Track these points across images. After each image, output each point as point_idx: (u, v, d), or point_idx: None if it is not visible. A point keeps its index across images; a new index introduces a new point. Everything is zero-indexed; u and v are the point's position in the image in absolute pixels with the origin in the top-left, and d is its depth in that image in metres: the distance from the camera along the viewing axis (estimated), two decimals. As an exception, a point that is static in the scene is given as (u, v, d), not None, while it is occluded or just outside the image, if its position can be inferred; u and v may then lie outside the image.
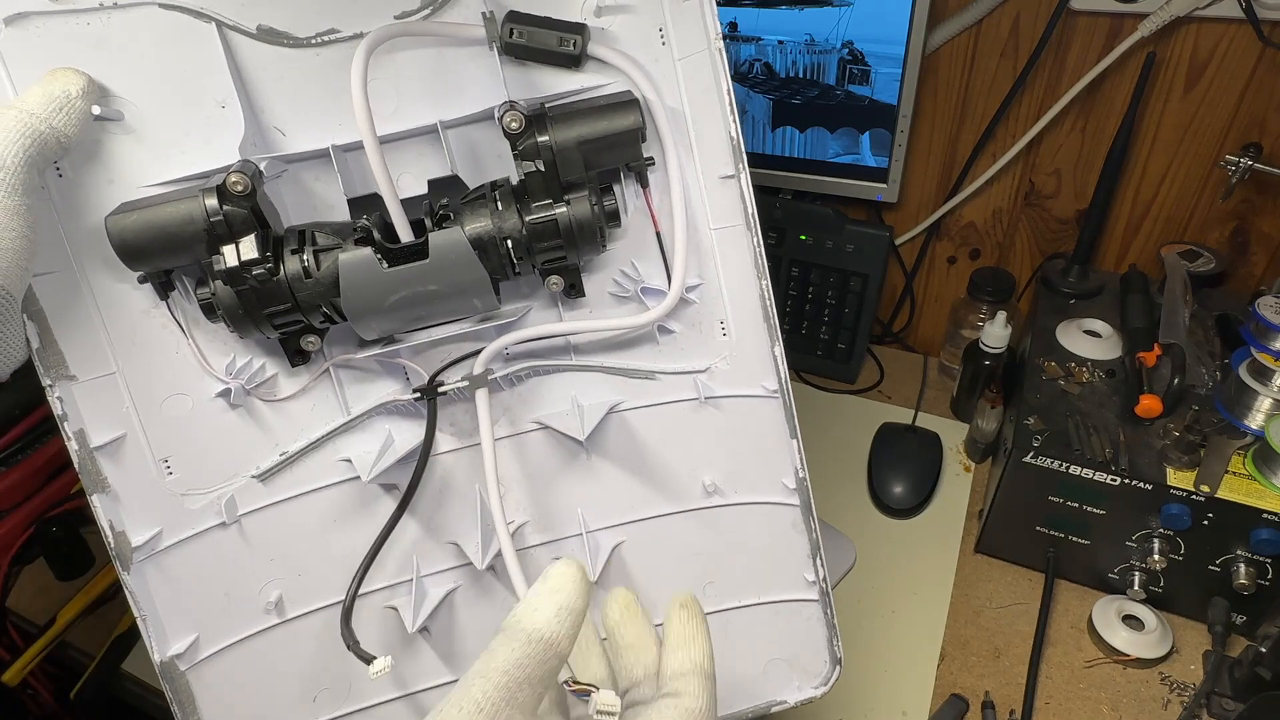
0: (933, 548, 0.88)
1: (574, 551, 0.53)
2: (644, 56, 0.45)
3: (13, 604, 0.89)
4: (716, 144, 0.46)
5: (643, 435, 0.52)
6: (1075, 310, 0.93)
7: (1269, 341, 0.73)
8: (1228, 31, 0.81)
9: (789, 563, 0.54)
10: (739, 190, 0.47)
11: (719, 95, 0.45)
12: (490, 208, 0.43)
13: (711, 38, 0.44)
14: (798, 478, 0.52)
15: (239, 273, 0.41)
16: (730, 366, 0.51)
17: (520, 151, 0.42)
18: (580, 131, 0.42)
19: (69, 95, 0.38)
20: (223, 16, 0.41)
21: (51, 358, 0.43)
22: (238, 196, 0.40)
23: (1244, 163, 0.83)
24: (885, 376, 1.12)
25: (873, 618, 0.82)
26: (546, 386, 0.51)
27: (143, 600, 0.48)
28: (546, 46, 0.43)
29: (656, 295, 0.49)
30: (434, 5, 0.42)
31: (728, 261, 0.49)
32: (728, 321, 0.50)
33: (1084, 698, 0.73)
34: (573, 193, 0.43)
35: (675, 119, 0.46)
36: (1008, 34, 0.90)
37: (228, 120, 0.42)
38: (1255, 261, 0.95)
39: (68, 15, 0.40)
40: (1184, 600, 0.77)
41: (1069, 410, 0.80)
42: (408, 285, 0.42)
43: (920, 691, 0.75)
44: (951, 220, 1.07)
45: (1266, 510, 0.68)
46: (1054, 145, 0.96)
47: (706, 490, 0.53)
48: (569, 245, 0.44)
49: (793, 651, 0.55)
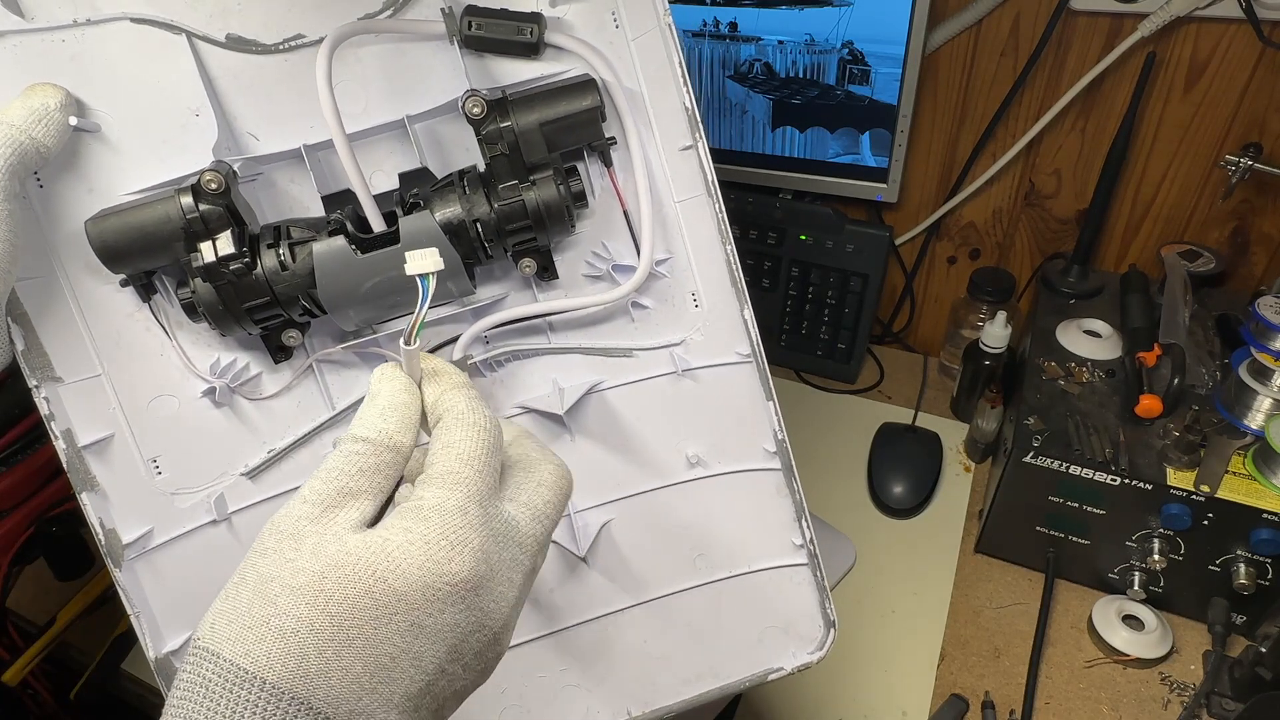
0: (933, 548, 0.88)
1: (562, 533, 0.54)
2: (599, 40, 0.46)
3: (13, 604, 0.89)
4: (673, 117, 0.48)
5: (624, 413, 0.53)
6: (1075, 310, 0.93)
7: (1269, 341, 0.73)
8: (1228, 31, 0.81)
9: (775, 529, 0.55)
10: (698, 160, 0.48)
11: (671, 69, 0.47)
12: (459, 193, 0.44)
13: (660, 14, 0.46)
14: (776, 440, 0.53)
15: (217, 268, 0.42)
16: (704, 337, 0.52)
17: (484, 136, 0.43)
18: (541, 114, 0.43)
19: (48, 108, 0.39)
20: (192, 28, 0.42)
21: (37, 359, 0.44)
22: (213, 194, 0.41)
23: (1244, 163, 0.83)
24: (885, 376, 1.12)
25: (873, 618, 0.82)
26: (527, 370, 0.52)
27: (135, 598, 0.48)
28: (505, 37, 0.44)
29: (627, 272, 0.49)
30: (395, 6, 0.44)
31: (694, 232, 0.50)
32: (699, 292, 0.51)
33: (1084, 698, 0.73)
34: (538, 173, 0.44)
35: (633, 99, 0.47)
36: (1008, 34, 0.90)
37: (201, 128, 0.43)
38: (1255, 261, 0.95)
39: (43, 33, 0.41)
40: (1184, 600, 0.77)
41: (1069, 410, 0.80)
42: (381, 270, 0.43)
43: (920, 691, 0.75)
44: (951, 220, 1.07)
45: (1266, 510, 0.68)
46: (1054, 145, 0.96)
47: (690, 463, 0.54)
48: (538, 227, 0.45)
49: (786, 618, 0.56)
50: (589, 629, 0.56)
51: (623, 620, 0.56)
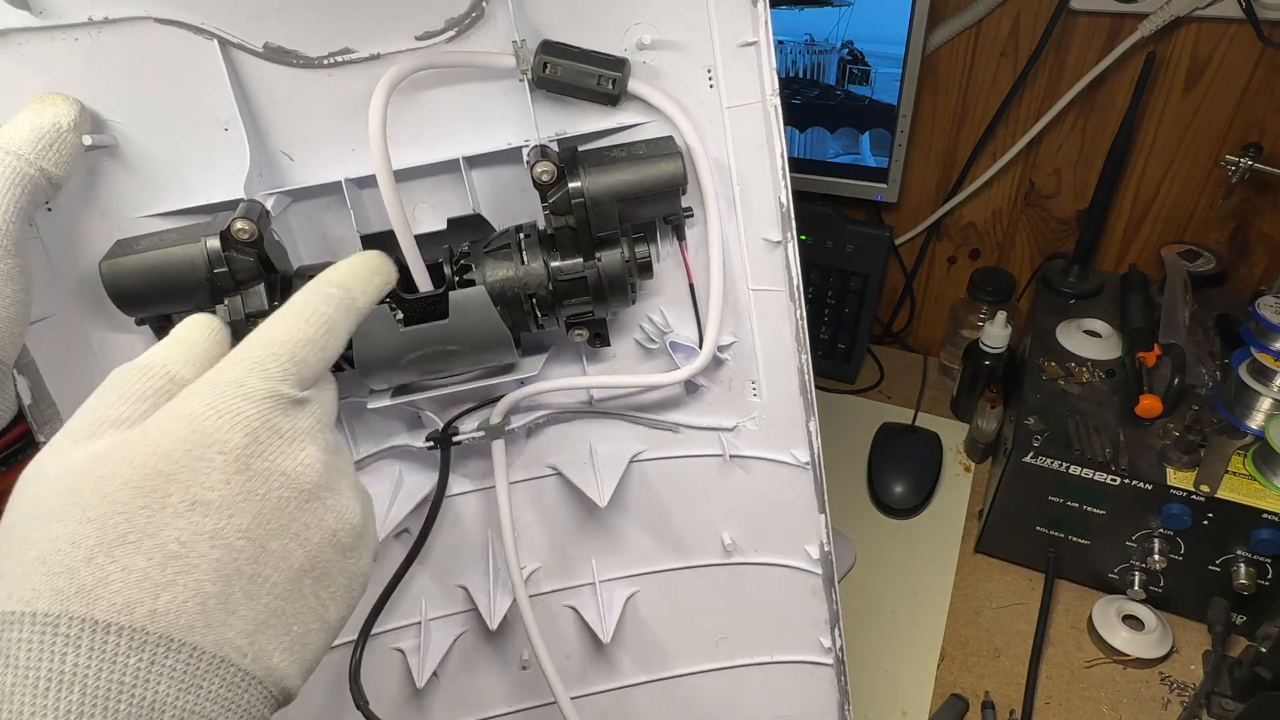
0: (933, 548, 0.88)
1: (586, 601, 0.51)
2: (689, 98, 0.41)
3: (13, 604, 0.89)
4: (763, 206, 0.43)
5: (662, 487, 0.50)
6: (1075, 310, 0.93)
7: (1269, 341, 0.73)
8: (1228, 31, 0.81)
9: (805, 626, 0.52)
10: (784, 258, 0.43)
11: (770, 156, 0.41)
12: (515, 259, 0.40)
13: (767, 91, 0.40)
14: (822, 550, 0.50)
15: (245, 327, 0.38)
16: (759, 428, 0.48)
17: (551, 205, 0.39)
18: (616, 182, 0.39)
19: (59, 128, 0.34)
20: (226, 33, 0.37)
21: (45, 411, 0.41)
22: (243, 244, 0.37)
23: (1244, 163, 0.83)
24: (885, 376, 1.12)
25: (873, 618, 0.82)
26: (564, 430, 0.49)
27: None
28: (582, 85, 0.39)
29: (686, 351, 0.46)
30: (459, 27, 0.39)
31: (766, 325, 0.45)
32: (760, 383, 0.47)
33: (1084, 698, 0.73)
34: (605, 248, 0.40)
35: (719, 170, 0.42)
36: (1008, 34, 0.90)
37: (230, 143, 0.39)
38: (1255, 261, 0.95)
39: (54, 31, 0.36)
40: (1184, 600, 0.77)
41: (1069, 410, 0.80)
42: (425, 345, 0.40)
43: (920, 691, 0.75)
44: (951, 220, 1.07)
45: (1266, 510, 0.68)
46: (1054, 145, 0.96)
47: (725, 547, 0.51)
48: (597, 300, 0.41)
49: (803, 712, 0.54)
50: (603, 699, 0.54)
51: (638, 694, 0.54)
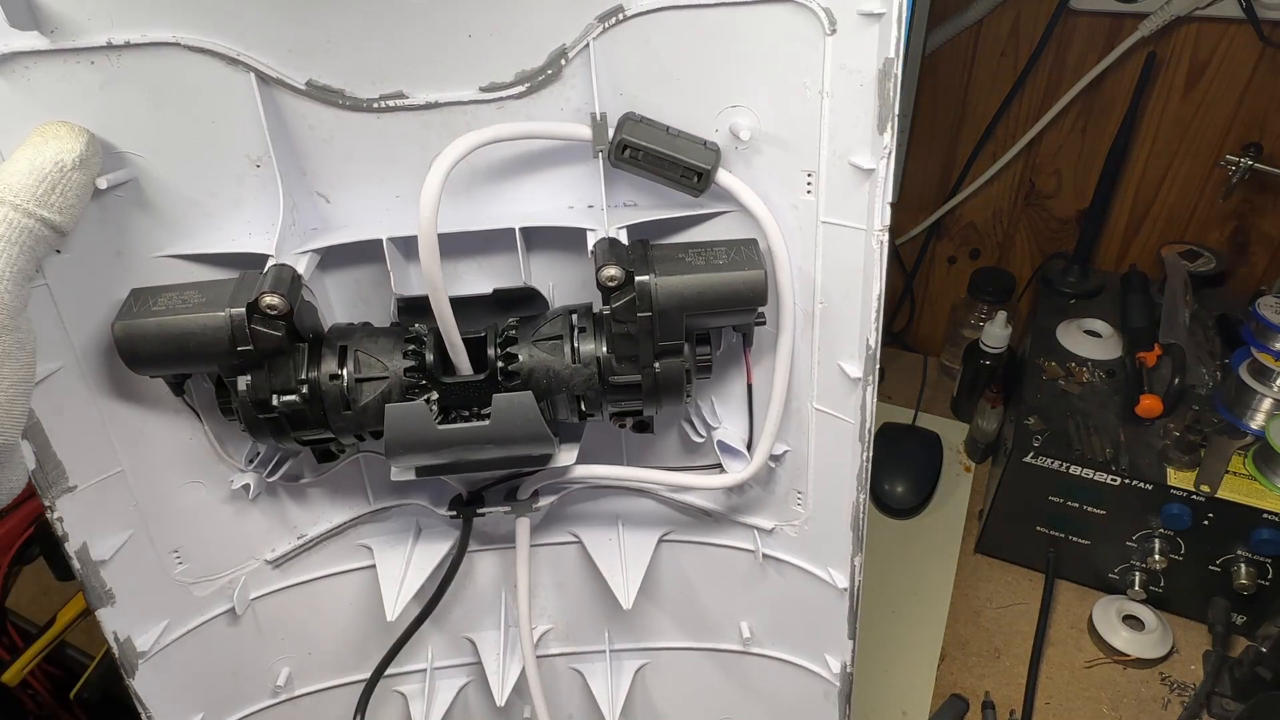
0: (933, 548, 0.88)
1: (595, 669, 0.51)
2: (781, 200, 0.37)
3: (13, 604, 0.89)
4: (846, 335, 0.38)
5: (685, 568, 0.49)
6: (1075, 310, 0.93)
7: (1269, 341, 0.73)
8: (1228, 31, 0.81)
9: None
10: (861, 398, 0.39)
11: (866, 293, 0.36)
12: (565, 351, 0.37)
13: (876, 223, 0.35)
14: (845, 670, 0.48)
15: (267, 403, 0.35)
16: (798, 536, 0.46)
17: (614, 311, 0.35)
18: (689, 292, 0.35)
19: (62, 166, 0.30)
20: (264, 66, 0.33)
21: (51, 474, 0.38)
22: (272, 318, 0.33)
23: (1244, 163, 0.83)
24: (885, 376, 1.12)
25: (873, 618, 0.82)
26: (592, 500, 0.47)
27: (149, 700, 0.44)
28: (664, 174, 0.35)
29: (734, 456, 0.43)
30: (532, 82, 0.34)
31: (824, 443, 0.42)
32: (806, 494, 0.45)
33: (1084, 698, 0.73)
34: (666, 356, 0.36)
35: (801, 279, 0.38)
36: (1008, 34, 0.90)
37: (262, 182, 0.36)
38: (1255, 261, 0.95)
39: (67, 55, 0.32)
40: (1184, 600, 0.77)
41: (1069, 410, 0.80)
42: (461, 443, 0.37)
43: (920, 691, 0.75)
44: (951, 220, 1.07)
45: (1267, 510, 0.68)
46: (1054, 145, 0.96)
47: (743, 637, 0.50)
48: (649, 402, 0.38)
49: None
50: None
51: None
